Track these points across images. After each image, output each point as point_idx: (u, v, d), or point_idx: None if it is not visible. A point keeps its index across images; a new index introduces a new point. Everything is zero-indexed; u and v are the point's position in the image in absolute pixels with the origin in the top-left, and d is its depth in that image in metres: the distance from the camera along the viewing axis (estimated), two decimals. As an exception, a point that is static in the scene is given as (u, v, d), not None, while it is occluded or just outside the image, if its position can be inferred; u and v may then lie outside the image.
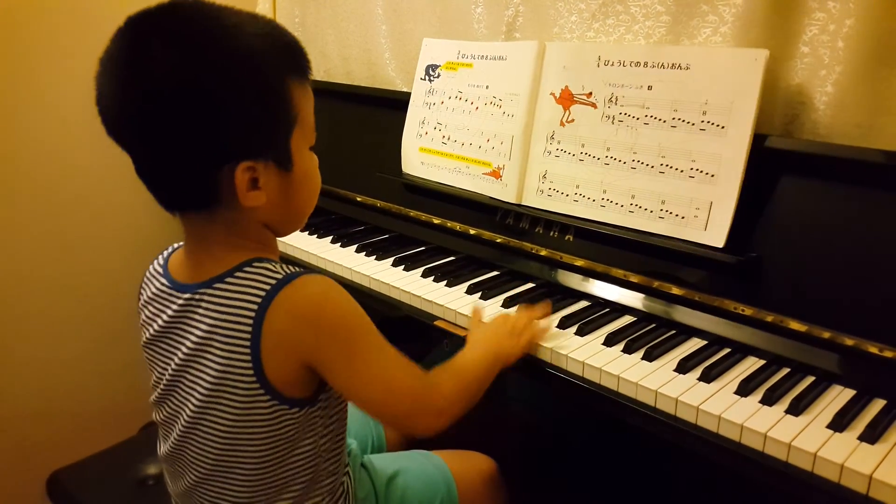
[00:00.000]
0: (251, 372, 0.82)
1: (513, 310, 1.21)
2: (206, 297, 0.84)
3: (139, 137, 0.79)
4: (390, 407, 0.89)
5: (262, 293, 0.81)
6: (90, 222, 1.90)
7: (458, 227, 1.45)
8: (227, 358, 0.82)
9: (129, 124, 0.78)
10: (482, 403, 0.98)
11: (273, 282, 0.82)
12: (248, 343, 0.81)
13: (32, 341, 1.85)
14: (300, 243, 1.56)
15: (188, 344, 0.85)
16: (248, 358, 0.81)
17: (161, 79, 0.74)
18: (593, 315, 1.18)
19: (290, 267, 0.85)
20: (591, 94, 1.26)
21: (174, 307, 0.87)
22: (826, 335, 0.99)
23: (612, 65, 1.23)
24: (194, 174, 0.80)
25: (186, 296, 0.85)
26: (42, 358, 1.88)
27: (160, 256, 0.94)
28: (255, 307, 0.81)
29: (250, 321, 0.81)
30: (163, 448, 0.96)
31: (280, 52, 0.82)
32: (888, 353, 0.93)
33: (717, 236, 1.10)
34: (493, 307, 1.22)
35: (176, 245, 0.94)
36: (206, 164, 0.79)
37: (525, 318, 1.11)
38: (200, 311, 0.84)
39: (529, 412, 1.58)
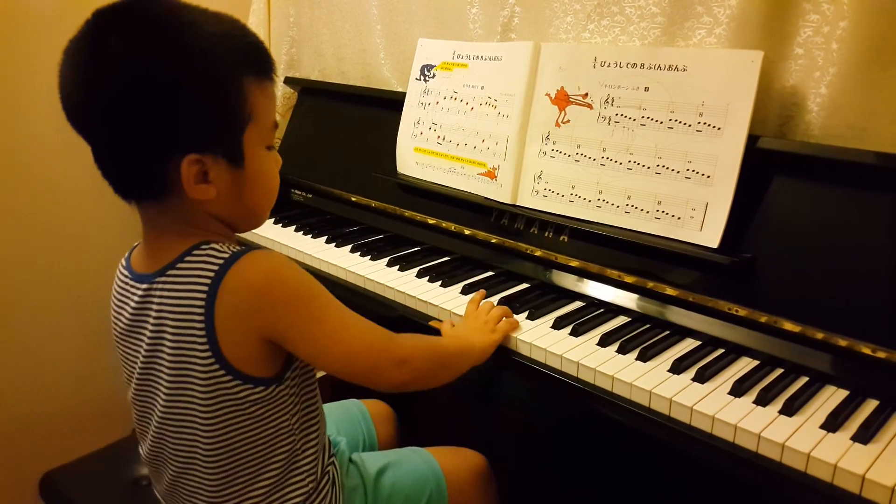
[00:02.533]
0: (209, 353, 0.83)
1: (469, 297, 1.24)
2: (160, 286, 0.86)
3: (94, 127, 0.82)
4: (354, 363, 0.90)
5: (212, 273, 0.83)
6: (83, 220, 1.89)
7: (452, 227, 1.45)
8: (184, 344, 0.84)
9: (86, 114, 0.81)
10: (476, 402, 0.98)
11: (221, 261, 0.83)
12: (202, 327, 0.82)
13: (25, 342, 1.85)
14: (294, 243, 1.56)
15: (149, 335, 0.87)
16: (205, 340, 0.83)
17: (115, 71, 0.78)
18: (588, 315, 1.18)
19: (236, 246, 0.87)
20: (586, 94, 1.26)
21: (135, 299, 0.88)
22: (820, 336, 0.99)
23: (609, 66, 1.23)
24: (144, 164, 0.83)
25: (144, 286, 0.87)
26: (35, 358, 1.87)
27: (126, 254, 0.96)
28: (205, 290, 0.82)
29: (202, 303, 0.82)
30: (143, 448, 0.97)
31: (239, 51, 0.84)
32: (881, 354, 0.94)
33: (712, 237, 1.10)
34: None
35: (140, 241, 0.95)
36: (154, 155, 0.82)
37: (498, 313, 1.15)
38: (156, 300, 0.86)
39: (523, 411, 1.58)
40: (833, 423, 0.88)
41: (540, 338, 1.11)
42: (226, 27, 0.83)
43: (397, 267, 1.40)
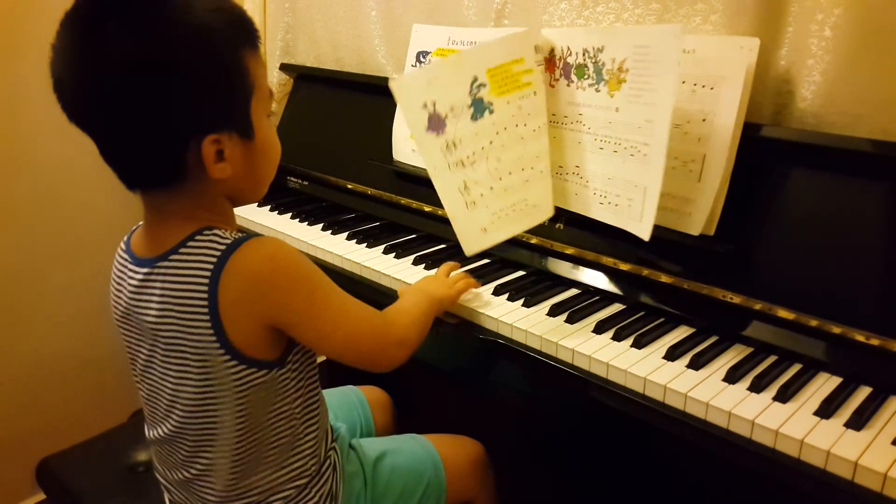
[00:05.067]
0: (214, 339, 0.83)
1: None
2: (161, 271, 0.86)
3: (102, 120, 0.80)
4: (357, 346, 0.93)
5: (213, 260, 0.83)
6: (77, 213, 1.89)
7: (448, 214, 1.45)
8: (189, 329, 0.84)
9: (92, 108, 0.80)
10: (472, 390, 0.99)
11: (223, 247, 0.84)
12: (206, 313, 0.83)
13: (22, 329, 1.85)
14: (291, 230, 1.56)
15: (152, 319, 0.87)
16: (209, 326, 0.83)
17: (119, 61, 0.76)
18: (583, 303, 1.18)
19: (238, 233, 0.87)
20: (582, 82, 1.25)
21: (134, 282, 0.88)
22: (813, 323, 0.99)
23: (604, 53, 1.23)
24: (162, 151, 0.82)
25: (145, 270, 0.87)
26: (31, 345, 1.87)
27: (125, 237, 0.95)
28: (207, 276, 0.83)
29: (205, 290, 0.83)
30: (149, 430, 0.97)
31: (232, 25, 0.84)
32: (874, 341, 0.94)
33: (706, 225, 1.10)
34: (484, 295, 1.22)
35: (138, 224, 0.95)
36: (172, 141, 0.81)
37: (457, 274, 1.22)
38: (158, 286, 0.86)
39: (518, 399, 1.58)
40: (826, 409, 0.89)
41: (535, 325, 1.11)
42: (216, 2, 0.83)
43: (393, 254, 1.40)
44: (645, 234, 1.08)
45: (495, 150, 1.15)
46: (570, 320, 1.13)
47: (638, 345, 1.05)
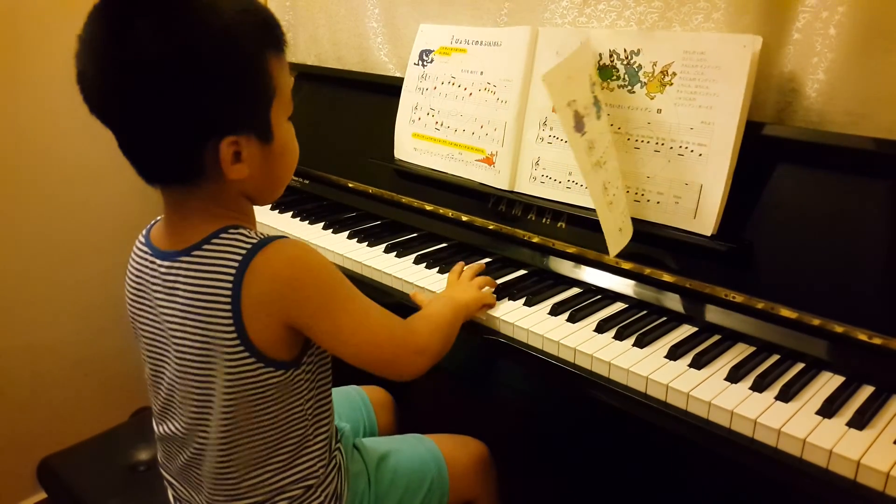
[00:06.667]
0: (234, 336, 0.84)
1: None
2: (184, 266, 0.86)
3: (123, 114, 0.80)
4: (377, 353, 0.92)
5: (239, 258, 0.83)
6: (79, 209, 1.89)
7: (450, 213, 1.45)
8: (210, 325, 0.84)
9: (113, 102, 0.80)
10: (474, 389, 0.98)
11: (249, 246, 0.84)
12: (228, 309, 0.83)
13: (23, 327, 1.85)
14: (292, 229, 1.56)
15: (172, 313, 0.87)
16: (231, 323, 0.83)
17: (143, 57, 0.76)
18: (585, 302, 1.18)
19: (264, 233, 0.87)
20: (584, 80, 1.25)
21: (156, 276, 0.89)
22: (816, 322, 0.99)
23: (606, 51, 1.23)
24: (179, 149, 0.82)
25: (167, 264, 0.87)
26: (33, 344, 1.87)
27: (144, 230, 0.95)
28: (232, 273, 0.83)
29: (229, 287, 0.83)
30: (158, 426, 0.97)
31: (258, 27, 0.84)
32: (877, 340, 0.94)
33: (707, 224, 1.10)
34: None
35: (158, 218, 0.95)
36: (190, 140, 0.81)
37: (470, 272, 1.21)
38: (181, 280, 0.86)
39: (520, 398, 1.58)
40: (829, 409, 0.89)
41: (537, 324, 1.11)
42: (243, 3, 0.82)
43: (395, 253, 1.39)
44: (706, 229, 1.09)
45: (614, 149, 1.15)
46: (571, 319, 1.12)
47: (640, 344, 1.05)
